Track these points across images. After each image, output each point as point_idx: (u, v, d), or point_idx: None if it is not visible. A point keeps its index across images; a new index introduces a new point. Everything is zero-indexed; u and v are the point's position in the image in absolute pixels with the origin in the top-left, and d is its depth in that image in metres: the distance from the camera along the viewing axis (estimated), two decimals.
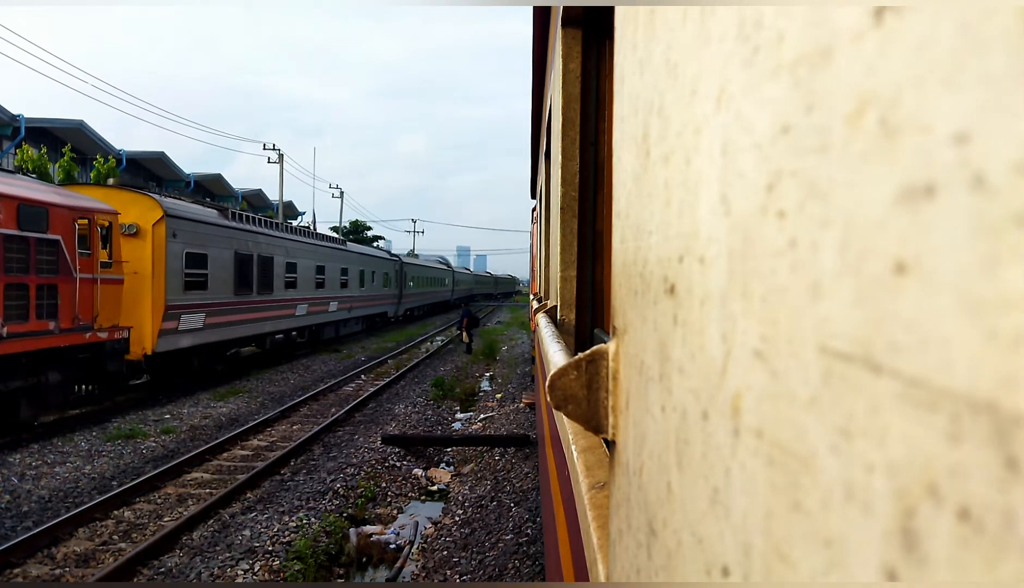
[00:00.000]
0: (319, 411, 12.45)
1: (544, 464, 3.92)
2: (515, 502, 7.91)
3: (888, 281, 0.25)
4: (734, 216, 0.41)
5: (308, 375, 16.55)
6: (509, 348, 23.95)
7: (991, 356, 0.20)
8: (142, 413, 11.53)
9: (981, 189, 0.21)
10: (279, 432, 10.84)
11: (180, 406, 12.29)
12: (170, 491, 7.89)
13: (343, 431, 11.00)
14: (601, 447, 1.41)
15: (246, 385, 14.72)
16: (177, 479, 8.32)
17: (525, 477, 8.78)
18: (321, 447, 9.99)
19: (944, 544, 0.21)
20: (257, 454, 9.50)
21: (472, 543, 6.98)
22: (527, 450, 9.88)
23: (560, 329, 2.75)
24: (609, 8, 2.11)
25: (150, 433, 10.25)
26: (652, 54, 0.67)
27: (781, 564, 0.33)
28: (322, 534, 6.85)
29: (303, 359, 19.22)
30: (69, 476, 8.20)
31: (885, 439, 0.25)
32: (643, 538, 0.63)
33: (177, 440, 10.07)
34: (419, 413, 12.72)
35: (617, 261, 0.87)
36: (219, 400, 12.98)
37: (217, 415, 11.76)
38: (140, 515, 7.10)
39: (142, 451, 9.40)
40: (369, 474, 8.88)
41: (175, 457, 9.10)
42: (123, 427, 10.42)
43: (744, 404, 0.39)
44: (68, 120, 26.11)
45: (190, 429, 10.73)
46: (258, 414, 11.88)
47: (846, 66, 0.28)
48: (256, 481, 8.22)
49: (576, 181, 2.75)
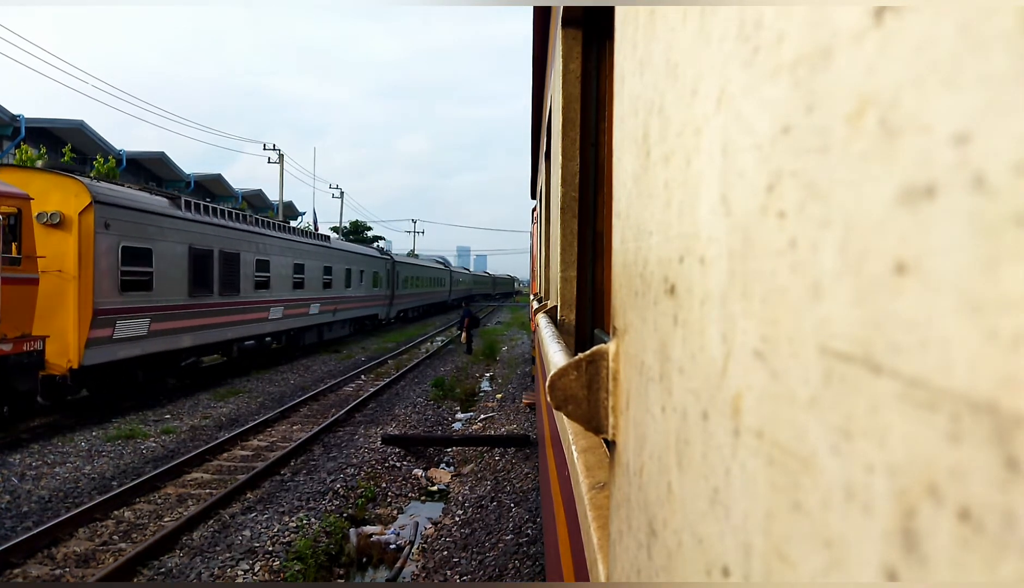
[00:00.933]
0: (319, 411, 12.34)
1: (544, 464, 3.92)
2: (515, 502, 7.88)
3: (888, 281, 0.25)
4: (734, 216, 0.41)
5: (308, 375, 16.43)
6: (509, 348, 23.85)
7: (991, 356, 0.20)
8: (142, 414, 11.42)
9: (981, 189, 0.21)
10: (279, 432, 10.73)
11: (180, 406, 12.18)
12: (170, 491, 7.84)
13: (343, 431, 10.92)
14: (601, 447, 1.41)
15: (246, 385, 14.56)
16: (177, 479, 8.26)
17: (525, 477, 8.74)
18: (321, 447, 9.91)
19: (944, 544, 0.21)
20: (257, 454, 9.43)
21: (472, 543, 6.97)
22: (527, 450, 9.84)
23: (560, 329, 2.75)
24: (609, 8, 2.11)
25: (150, 433, 10.15)
26: (652, 54, 0.67)
27: (781, 564, 0.33)
28: (322, 534, 6.83)
29: (303, 359, 19.09)
30: (69, 476, 8.15)
31: (885, 439, 0.25)
32: (643, 538, 0.63)
33: (177, 440, 9.98)
34: (419, 413, 12.64)
35: (617, 261, 0.87)
36: (219, 400, 12.86)
37: (217, 415, 11.65)
38: (140, 515, 7.07)
39: (142, 451, 9.33)
40: (369, 474, 8.83)
41: (175, 457, 9.03)
42: (123, 427, 10.29)
43: (744, 404, 0.39)
44: (68, 120, 26.10)
45: (190, 429, 10.63)
46: (258, 414, 11.77)
47: (846, 66, 0.28)
48: (256, 481, 8.18)
49: (576, 181, 2.75)
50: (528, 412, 12.38)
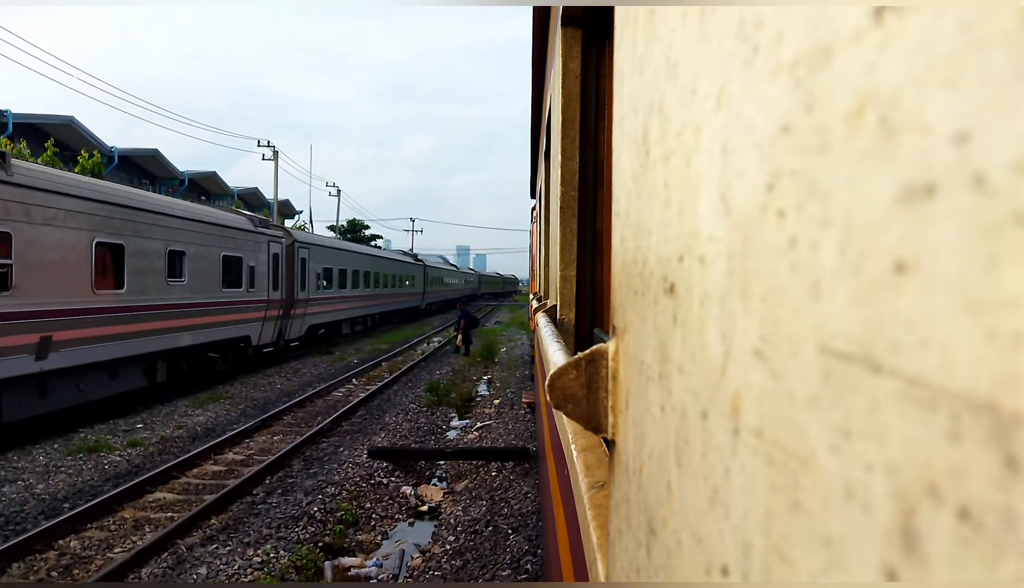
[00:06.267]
0: (304, 419, 11.45)
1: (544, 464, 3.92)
2: (513, 528, 7.04)
3: (888, 281, 0.25)
4: (734, 216, 0.41)
5: (297, 379, 15.52)
6: (508, 349, 23.00)
7: (991, 356, 0.20)
8: (112, 423, 10.54)
9: (981, 189, 0.21)
10: (258, 444, 9.85)
11: (155, 414, 11.32)
12: (127, 515, 6.94)
13: (327, 443, 10.06)
14: (601, 446, 1.41)
15: (229, 390, 13.58)
16: (137, 500, 7.38)
17: (524, 497, 7.84)
18: (301, 462, 9.08)
19: (944, 544, 0.21)
20: (230, 470, 8.58)
21: (464, 578, 6.24)
22: (527, 465, 8.91)
23: (560, 328, 2.75)
24: (609, 8, 2.11)
25: (116, 446, 9.29)
26: (652, 53, 0.67)
27: (781, 564, 0.33)
28: (291, 569, 5.99)
29: (292, 362, 18.09)
30: (16, 497, 7.27)
31: (885, 439, 0.25)
32: (643, 537, 0.63)
33: (145, 453, 9.14)
34: (411, 421, 11.70)
35: (617, 261, 0.87)
36: (198, 407, 11.94)
37: (192, 424, 10.73)
38: (88, 545, 6.20)
39: (104, 466, 8.52)
40: (352, 493, 7.95)
41: (140, 473, 8.20)
42: (89, 438, 9.50)
43: (744, 404, 0.39)
44: (57, 116, 25.95)
45: (160, 441, 9.73)
46: (238, 423, 10.87)
47: (846, 66, 0.28)
48: (224, 503, 7.30)
49: (576, 181, 2.75)
50: (528, 421, 11.50)
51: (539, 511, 6.99)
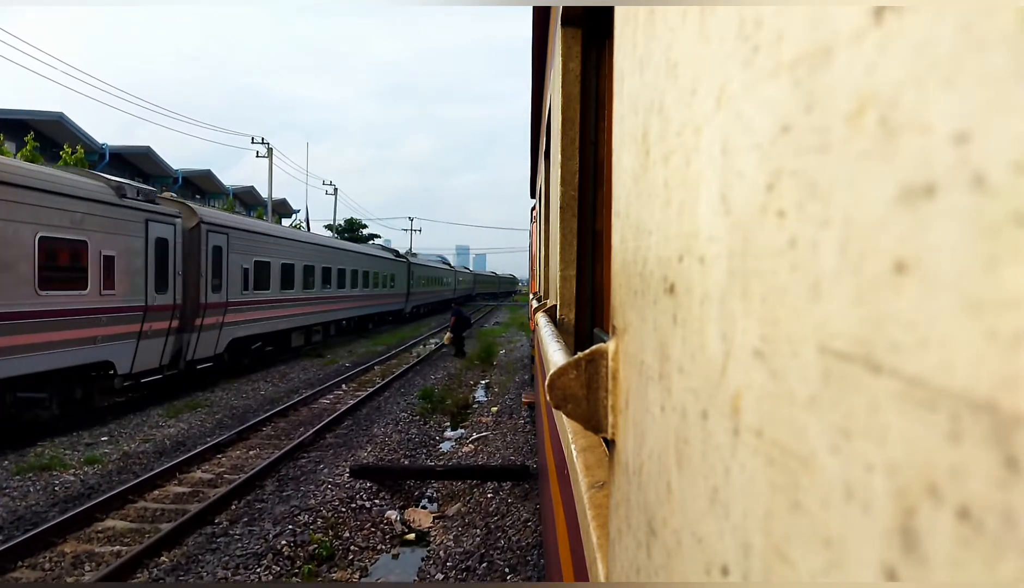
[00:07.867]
0: (286, 430, 10.43)
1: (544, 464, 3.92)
2: (510, 565, 6.09)
3: (888, 281, 0.25)
4: (734, 216, 0.41)
5: (283, 384, 14.38)
6: (508, 351, 21.92)
7: (991, 356, 0.20)
8: (76, 435, 9.54)
9: (981, 189, 0.21)
10: (231, 459, 8.85)
11: (124, 424, 10.26)
12: (68, 549, 5.93)
13: (307, 458, 9.06)
14: (600, 446, 1.41)
15: (208, 397, 12.46)
16: (84, 530, 6.36)
17: (523, 527, 6.82)
18: (275, 482, 8.03)
19: (944, 544, 0.21)
20: (195, 492, 7.59)
21: None
22: (526, 485, 7.89)
23: (560, 328, 2.76)
24: (609, 8, 2.11)
25: (71, 463, 8.31)
26: (652, 53, 0.67)
27: (781, 563, 0.33)
28: None
29: (280, 366, 16.84)
30: None
31: (885, 439, 0.25)
32: (643, 537, 0.63)
33: (102, 472, 8.12)
34: (401, 433, 10.58)
35: (617, 261, 0.87)
36: (171, 416, 10.83)
37: (161, 437, 9.66)
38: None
39: (55, 488, 7.53)
40: (329, 521, 6.82)
41: (93, 496, 7.20)
42: (46, 453, 8.52)
43: (744, 404, 0.39)
44: (46, 112, 25.64)
45: (122, 457, 8.69)
46: (212, 435, 9.86)
47: (846, 66, 0.28)
48: (180, 535, 6.28)
49: (576, 180, 2.75)
50: (529, 432, 10.60)
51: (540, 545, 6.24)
